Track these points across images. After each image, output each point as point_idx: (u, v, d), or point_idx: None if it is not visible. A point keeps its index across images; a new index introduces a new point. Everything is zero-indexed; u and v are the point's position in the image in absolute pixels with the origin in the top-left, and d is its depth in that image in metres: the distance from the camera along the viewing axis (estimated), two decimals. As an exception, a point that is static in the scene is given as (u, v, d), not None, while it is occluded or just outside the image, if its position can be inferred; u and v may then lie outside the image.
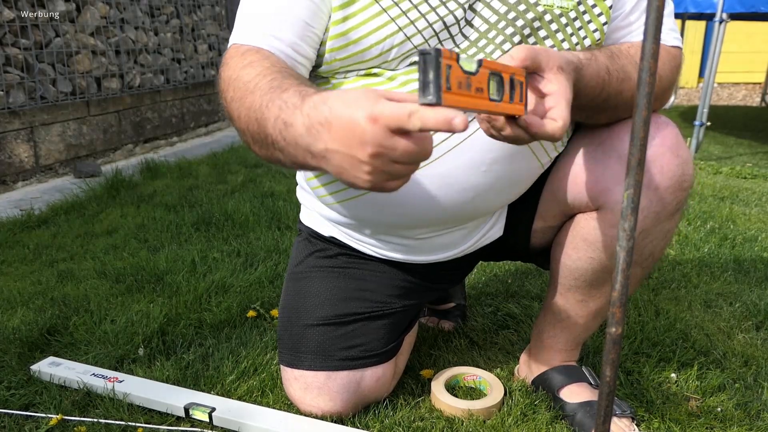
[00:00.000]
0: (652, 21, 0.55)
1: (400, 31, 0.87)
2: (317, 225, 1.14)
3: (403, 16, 0.87)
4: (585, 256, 1.02)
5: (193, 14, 4.42)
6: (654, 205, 0.94)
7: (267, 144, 0.74)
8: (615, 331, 0.65)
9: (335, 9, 0.88)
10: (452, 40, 0.90)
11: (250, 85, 0.77)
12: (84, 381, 1.15)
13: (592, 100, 0.90)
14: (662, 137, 0.93)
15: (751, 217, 2.35)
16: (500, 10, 0.90)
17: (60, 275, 1.72)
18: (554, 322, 1.11)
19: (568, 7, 0.91)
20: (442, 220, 1.02)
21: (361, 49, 0.89)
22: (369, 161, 0.62)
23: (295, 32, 0.87)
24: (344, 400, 1.06)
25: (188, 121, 4.36)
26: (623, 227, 0.61)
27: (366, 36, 0.88)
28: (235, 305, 1.49)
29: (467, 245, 1.11)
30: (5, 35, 2.79)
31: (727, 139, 4.49)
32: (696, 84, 7.46)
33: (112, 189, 2.67)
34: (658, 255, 1.02)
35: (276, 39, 0.87)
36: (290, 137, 0.68)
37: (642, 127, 0.58)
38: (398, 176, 0.65)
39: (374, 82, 0.92)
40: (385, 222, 1.04)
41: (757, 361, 1.27)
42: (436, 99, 0.61)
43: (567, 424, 1.06)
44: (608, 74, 0.90)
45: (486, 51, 0.90)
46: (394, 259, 1.11)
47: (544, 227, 1.11)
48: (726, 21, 3.59)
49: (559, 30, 0.92)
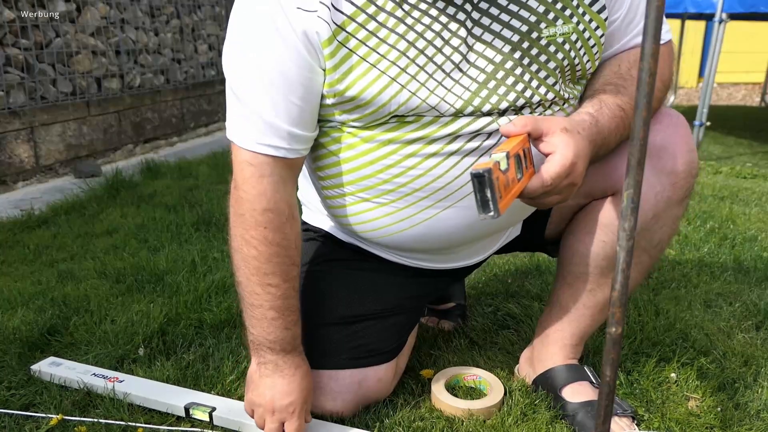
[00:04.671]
0: (651, 21, 0.55)
1: (403, 89, 0.86)
2: (333, 230, 1.14)
3: (404, 73, 0.86)
4: (598, 240, 1.04)
5: (193, 14, 4.42)
6: (667, 190, 0.98)
7: (246, 305, 0.98)
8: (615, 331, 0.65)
9: (329, 84, 0.87)
10: (459, 69, 0.88)
11: (264, 280, 0.94)
12: (84, 381, 1.15)
13: (619, 138, 0.94)
14: (674, 126, 0.99)
15: (750, 217, 2.35)
16: (503, 49, 0.88)
17: (60, 275, 1.72)
18: (561, 315, 1.12)
19: (569, 31, 0.90)
20: (475, 238, 1.06)
21: (370, 112, 0.89)
22: (261, 414, 0.99)
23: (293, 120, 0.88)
24: (345, 399, 1.06)
25: (188, 121, 4.36)
26: (623, 227, 0.62)
27: (372, 100, 0.87)
28: (235, 305, 1.49)
29: (492, 250, 1.15)
30: (5, 35, 2.79)
31: (727, 139, 4.49)
32: (696, 84, 7.46)
33: (113, 189, 2.67)
34: (665, 243, 1.05)
35: (287, 139, 0.89)
36: (261, 348, 0.98)
37: (642, 127, 0.58)
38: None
39: (355, 141, 0.93)
40: (420, 249, 1.07)
41: (756, 360, 1.28)
42: (497, 213, 0.72)
43: (567, 424, 1.06)
44: (622, 110, 0.93)
45: (489, 87, 0.89)
46: (419, 266, 1.12)
47: (559, 218, 1.13)
48: (726, 21, 3.59)
49: (561, 53, 0.91)
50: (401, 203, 0.96)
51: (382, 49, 0.85)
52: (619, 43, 0.99)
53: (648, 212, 0.99)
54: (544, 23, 0.88)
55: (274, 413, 0.97)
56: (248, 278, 0.94)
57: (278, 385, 0.97)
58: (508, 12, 0.87)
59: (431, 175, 0.93)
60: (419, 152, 0.91)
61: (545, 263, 1.81)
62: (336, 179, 0.98)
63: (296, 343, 0.99)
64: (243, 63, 0.87)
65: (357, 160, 0.94)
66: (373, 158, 0.93)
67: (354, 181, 0.96)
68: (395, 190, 0.95)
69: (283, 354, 0.98)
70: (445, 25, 0.86)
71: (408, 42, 0.85)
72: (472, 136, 0.91)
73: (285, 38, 0.83)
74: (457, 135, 0.90)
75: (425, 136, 0.90)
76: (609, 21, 0.95)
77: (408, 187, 0.94)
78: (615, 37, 0.98)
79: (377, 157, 0.93)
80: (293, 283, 0.97)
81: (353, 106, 0.88)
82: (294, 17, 0.82)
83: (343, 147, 0.95)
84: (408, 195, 0.95)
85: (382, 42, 0.85)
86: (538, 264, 1.82)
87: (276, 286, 0.94)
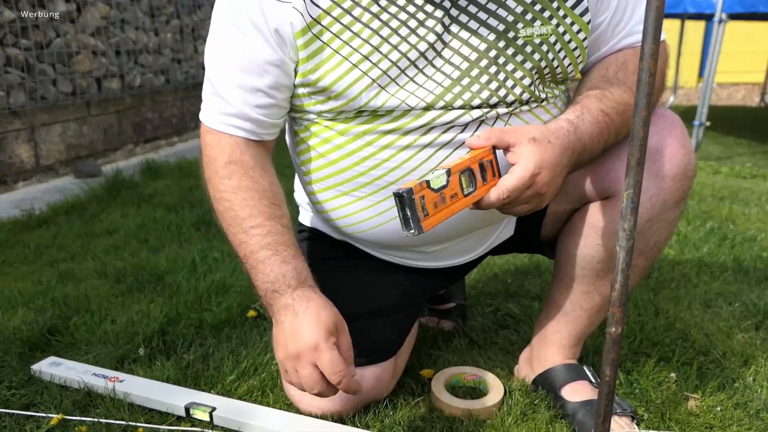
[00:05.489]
0: (651, 21, 0.56)
1: (373, 83, 0.88)
2: (327, 230, 1.15)
3: (375, 68, 0.88)
4: (593, 243, 1.03)
5: (193, 14, 4.42)
6: (662, 192, 0.97)
7: (243, 262, 0.94)
8: (615, 331, 0.65)
9: (302, 74, 0.90)
10: (432, 65, 0.89)
11: (244, 225, 0.92)
12: (84, 381, 1.15)
13: (604, 143, 0.94)
14: (669, 128, 0.98)
15: (750, 217, 2.35)
16: (479, 47, 0.89)
17: (60, 275, 1.72)
18: (558, 317, 1.12)
19: (548, 33, 0.91)
20: (460, 233, 1.06)
21: (342, 104, 0.91)
22: (292, 366, 0.88)
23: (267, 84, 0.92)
24: (344, 399, 1.06)
25: (188, 121, 4.36)
26: (623, 227, 0.62)
27: (343, 92, 0.89)
28: (235, 305, 1.50)
29: (481, 249, 1.14)
30: (6, 36, 2.79)
31: (727, 139, 4.49)
32: (695, 84, 7.46)
33: (113, 189, 2.67)
34: (662, 245, 1.05)
35: (250, 107, 0.92)
36: (269, 297, 0.91)
37: (642, 127, 0.59)
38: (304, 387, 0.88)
39: (331, 134, 0.95)
40: (401, 245, 1.07)
41: (756, 360, 1.28)
42: (418, 231, 0.74)
43: (567, 424, 1.06)
44: (606, 115, 0.92)
45: (462, 84, 0.90)
46: (408, 265, 1.13)
47: (554, 219, 1.12)
48: (725, 21, 3.59)
49: (538, 54, 0.91)
50: (378, 196, 0.97)
51: (355, 43, 0.87)
52: (607, 46, 0.99)
53: (642, 216, 0.98)
54: (521, 23, 0.89)
55: (300, 357, 0.86)
56: (232, 232, 0.94)
57: (294, 326, 0.87)
58: (486, 10, 0.88)
59: (406, 168, 0.94)
60: (393, 144, 0.93)
61: (545, 263, 1.81)
62: (316, 173, 1.00)
63: (301, 277, 0.92)
64: (217, 48, 0.93)
65: (333, 153, 0.96)
66: (349, 150, 0.95)
67: (332, 174, 0.98)
68: (371, 183, 0.96)
69: (290, 291, 0.90)
70: (422, 21, 0.87)
71: (381, 37, 0.87)
72: (446, 128, 0.92)
73: (257, 26, 0.87)
74: (430, 127, 0.91)
75: (398, 128, 0.91)
76: (594, 24, 0.95)
77: (383, 180, 0.95)
78: (602, 40, 0.98)
79: (353, 149, 0.94)
80: (280, 221, 0.94)
81: (325, 97, 0.91)
82: (268, 7, 0.86)
83: (320, 141, 0.97)
84: (384, 188, 0.96)
85: (355, 36, 0.87)
86: (538, 264, 1.83)
87: (259, 226, 0.92)
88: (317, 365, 0.86)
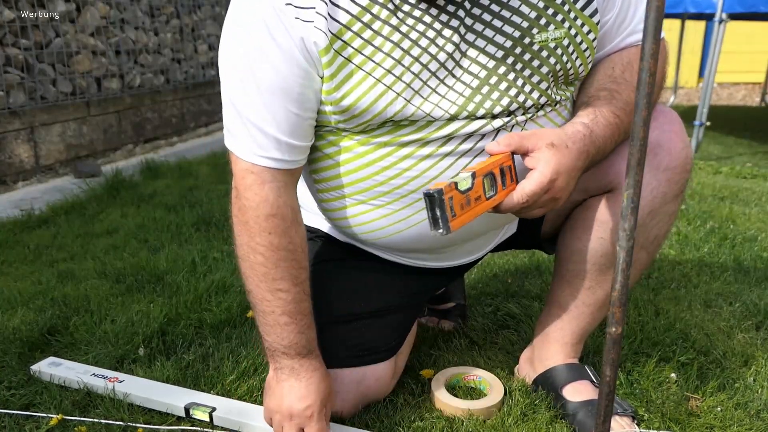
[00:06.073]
0: (651, 21, 0.56)
1: (398, 96, 0.87)
2: (330, 231, 1.15)
3: (399, 81, 0.86)
4: (595, 237, 1.04)
5: (193, 14, 4.42)
6: (663, 185, 0.99)
7: (257, 310, 0.98)
8: (615, 331, 0.65)
9: (327, 92, 0.87)
10: (452, 75, 0.88)
11: (273, 286, 0.94)
12: (84, 381, 1.15)
13: (614, 143, 0.95)
14: (669, 122, 1.00)
15: (750, 217, 2.35)
16: (496, 54, 0.89)
17: (60, 275, 1.72)
18: (561, 314, 1.12)
19: (561, 36, 0.91)
20: (475, 234, 1.06)
21: (366, 120, 0.89)
22: (279, 421, 0.98)
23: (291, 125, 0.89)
24: (344, 399, 1.06)
25: (188, 121, 4.36)
26: (623, 227, 0.62)
27: (368, 108, 0.87)
28: (235, 305, 1.50)
29: (487, 249, 1.15)
30: (5, 35, 2.79)
31: (727, 139, 4.49)
32: (696, 84, 7.46)
33: (113, 189, 2.67)
34: (662, 239, 1.06)
35: (286, 150, 0.89)
36: (277, 354, 0.98)
37: (642, 127, 0.58)
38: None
39: (351, 144, 0.93)
40: (418, 249, 1.07)
41: (756, 360, 1.28)
42: (446, 231, 0.77)
43: (567, 424, 1.06)
44: (617, 117, 0.93)
45: (482, 92, 0.89)
46: (415, 265, 1.12)
47: (555, 216, 1.13)
48: (726, 21, 3.59)
49: (553, 58, 0.91)
50: (397, 205, 0.97)
51: (378, 57, 0.85)
52: (611, 44, 1.00)
53: (644, 209, 0.99)
54: (536, 29, 0.89)
55: (292, 418, 0.96)
56: (257, 285, 0.94)
57: (295, 389, 0.97)
58: (501, 18, 0.88)
59: (426, 177, 0.93)
60: (414, 154, 0.92)
61: (545, 263, 1.81)
62: (332, 182, 0.99)
63: (311, 347, 0.99)
64: (240, 73, 0.86)
65: (352, 163, 0.95)
66: (369, 161, 0.93)
67: (350, 183, 0.97)
68: (391, 192, 0.95)
69: (299, 358, 0.97)
70: (439, 31, 0.86)
71: (403, 50, 0.85)
72: (466, 137, 0.91)
73: (283, 48, 0.83)
74: (451, 137, 0.91)
75: (420, 139, 0.91)
76: (601, 23, 0.95)
77: (404, 189, 0.95)
78: (607, 38, 0.99)
79: (373, 159, 0.93)
80: (303, 286, 0.96)
81: (349, 116, 0.89)
82: (292, 26, 0.82)
83: (339, 150, 0.95)
84: (404, 197, 0.95)
85: (377, 50, 0.85)
86: (538, 264, 1.82)
87: (286, 291, 0.94)
88: (303, 430, 0.97)
